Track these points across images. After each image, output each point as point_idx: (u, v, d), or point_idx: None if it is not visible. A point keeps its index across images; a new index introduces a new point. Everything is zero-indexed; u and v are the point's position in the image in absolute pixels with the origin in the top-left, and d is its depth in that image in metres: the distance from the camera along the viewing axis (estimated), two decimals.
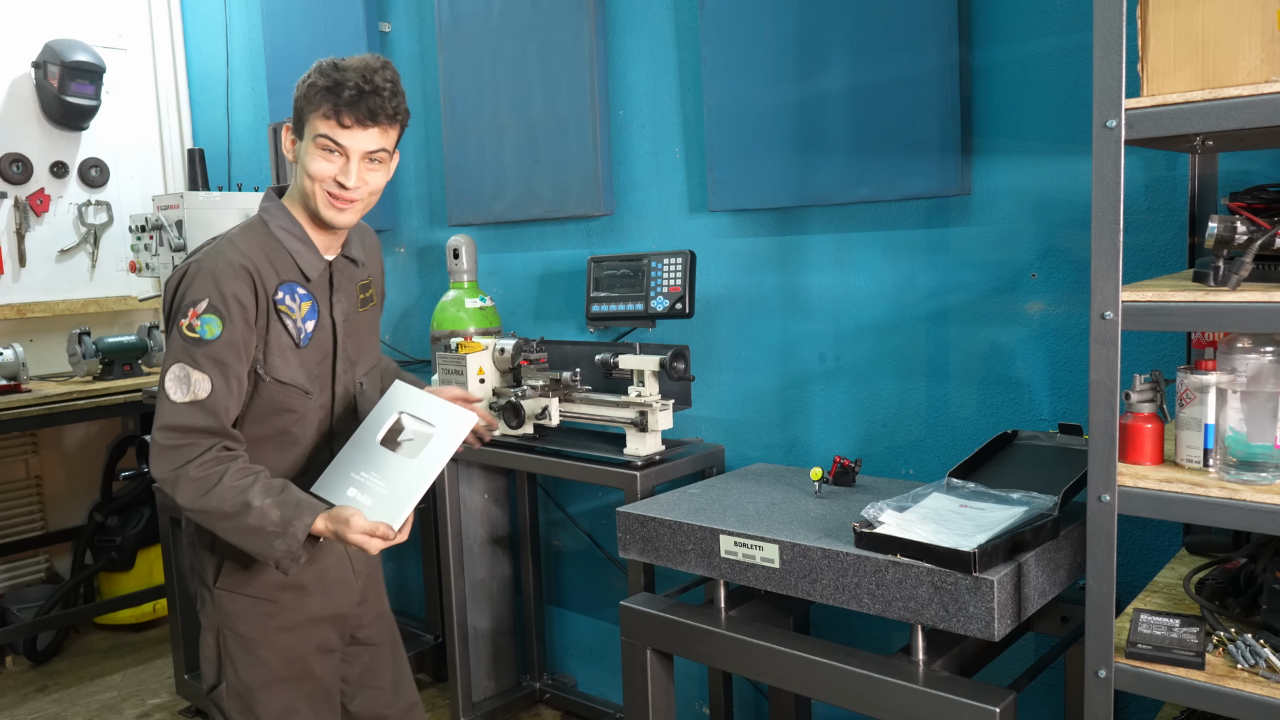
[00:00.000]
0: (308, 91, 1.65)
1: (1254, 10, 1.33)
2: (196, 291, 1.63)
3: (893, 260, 2.35)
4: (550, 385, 2.62)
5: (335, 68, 1.64)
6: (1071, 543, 1.76)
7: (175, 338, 1.63)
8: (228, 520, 1.60)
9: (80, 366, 3.73)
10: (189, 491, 1.60)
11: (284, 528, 1.60)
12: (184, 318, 1.62)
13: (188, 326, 1.62)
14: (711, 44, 2.54)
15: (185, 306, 1.63)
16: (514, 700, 3.14)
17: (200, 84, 4.48)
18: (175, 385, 1.61)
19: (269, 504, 1.60)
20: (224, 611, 1.78)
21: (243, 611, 1.77)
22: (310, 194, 1.69)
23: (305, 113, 1.66)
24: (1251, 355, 1.41)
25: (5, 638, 3.61)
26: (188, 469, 1.60)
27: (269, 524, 1.59)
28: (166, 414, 1.62)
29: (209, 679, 1.83)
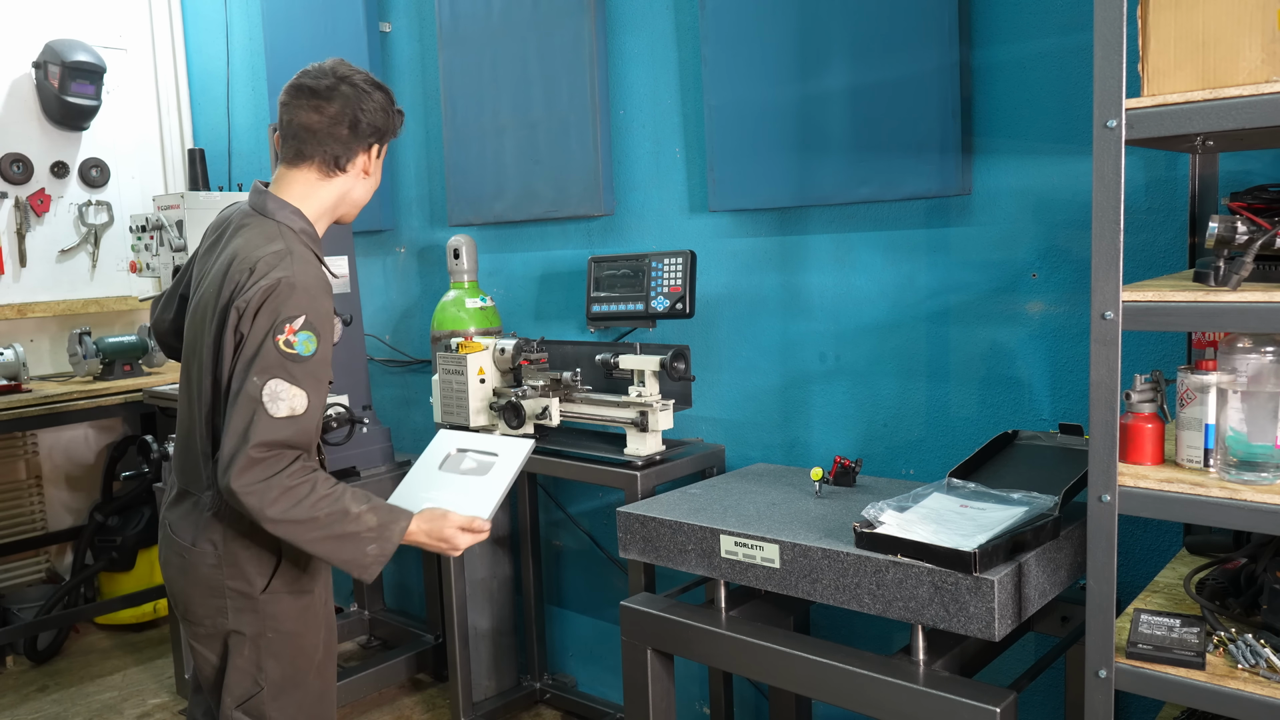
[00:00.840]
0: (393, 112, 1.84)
1: (1254, 10, 1.33)
2: (294, 308, 1.63)
3: (893, 260, 2.35)
4: (551, 385, 2.62)
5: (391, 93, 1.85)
6: (1072, 543, 1.76)
7: (270, 352, 1.61)
8: (321, 529, 1.63)
9: (81, 366, 3.73)
10: (281, 502, 1.60)
11: (380, 532, 1.67)
12: (280, 334, 1.62)
13: (285, 343, 1.62)
14: (712, 44, 2.55)
15: (281, 322, 1.62)
16: (514, 700, 3.14)
17: (201, 84, 4.48)
18: (273, 401, 1.61)
19: (365, 510, 1.66)
20: (268, 615, 1.77)
21: (285, 610, 1.79)
22: (360, 204, 1.86)
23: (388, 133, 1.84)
24: (1252, 355, 1.41)
25: (6, 638, 3.61)
26: (279, 479, 1.60)
27: (365, 529, 1.65)
28: (263, 429, 1.59)
29: (242, 691, 1.78)
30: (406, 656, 3.31)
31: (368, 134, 1.79)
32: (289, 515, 1.61)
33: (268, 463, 1.60)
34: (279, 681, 1.80)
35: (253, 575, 1.76)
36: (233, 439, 1.60)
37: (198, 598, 1.79)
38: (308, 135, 1.76)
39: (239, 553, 1.75)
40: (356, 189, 1.84)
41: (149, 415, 3.87)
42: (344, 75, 1.78)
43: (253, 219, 1.78)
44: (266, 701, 1.79)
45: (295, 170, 1.80)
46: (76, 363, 3.73)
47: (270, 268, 1.65)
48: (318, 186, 1.80)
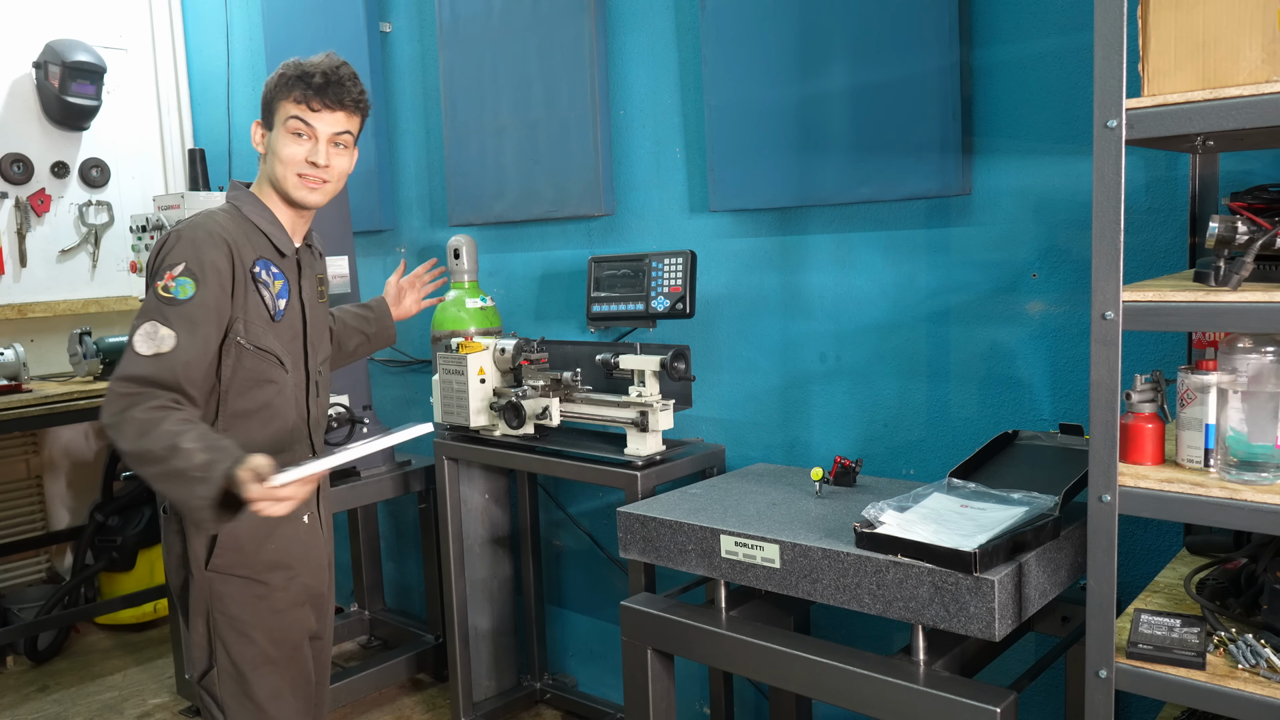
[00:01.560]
0: (278, 82, 1.82)
1: (1255, 10, 1.33)
2: (175, 256, 1.72)
3: (893, 260, 2.35)
4: (551, 385, 2.62)
5: (300, 63, 1.82)
6: (1072, 543, 1.76)
7: (150, 298, 1.70)
8: (157, 464, 1.58)
9: (81, 366, 3.73)
10: (129, 433, 1.60)
11: (206, 471, 1.55)
12: (160, 280, 1.70)
13: (163, 288, 1.69)
14: (712, 44, 2.55)
15: (162, 269, 1.71)
16: (514, 700, 3.14)
17: (201, 84, 4.48)
18: (143, 340, 1.66)
19: (197, 448, 1.56)
20: (214, 594, 1.81)
21: (233, 593, 1.81)
22: (282, 178, 1.83)
23: (275, 102, 1.83)
24: (1252, 355, 1.41)
25: (6, 638, 3.61)
26: (132, 412, 1.61)
27: (193, 467, 1.55)
28: (128, 365, 1.66)
29: (200, 665, 1.85)
30: (407, 656, 3.31)
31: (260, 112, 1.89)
32: (134, 446, 1.59)
33: (132, 398, 1.63)
34: (226, 666, 1.83)
35: (198, 547, 1.81)
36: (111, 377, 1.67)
37: (171, 567, 1.88)
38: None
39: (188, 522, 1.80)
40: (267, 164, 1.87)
41: None
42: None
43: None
44: (216, 683, 1.84)
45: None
46: (77, 363, 3.73)
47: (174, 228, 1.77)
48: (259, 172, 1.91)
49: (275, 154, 1.83)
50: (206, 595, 1.81)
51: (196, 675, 1.87)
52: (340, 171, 1.87)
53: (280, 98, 1.81)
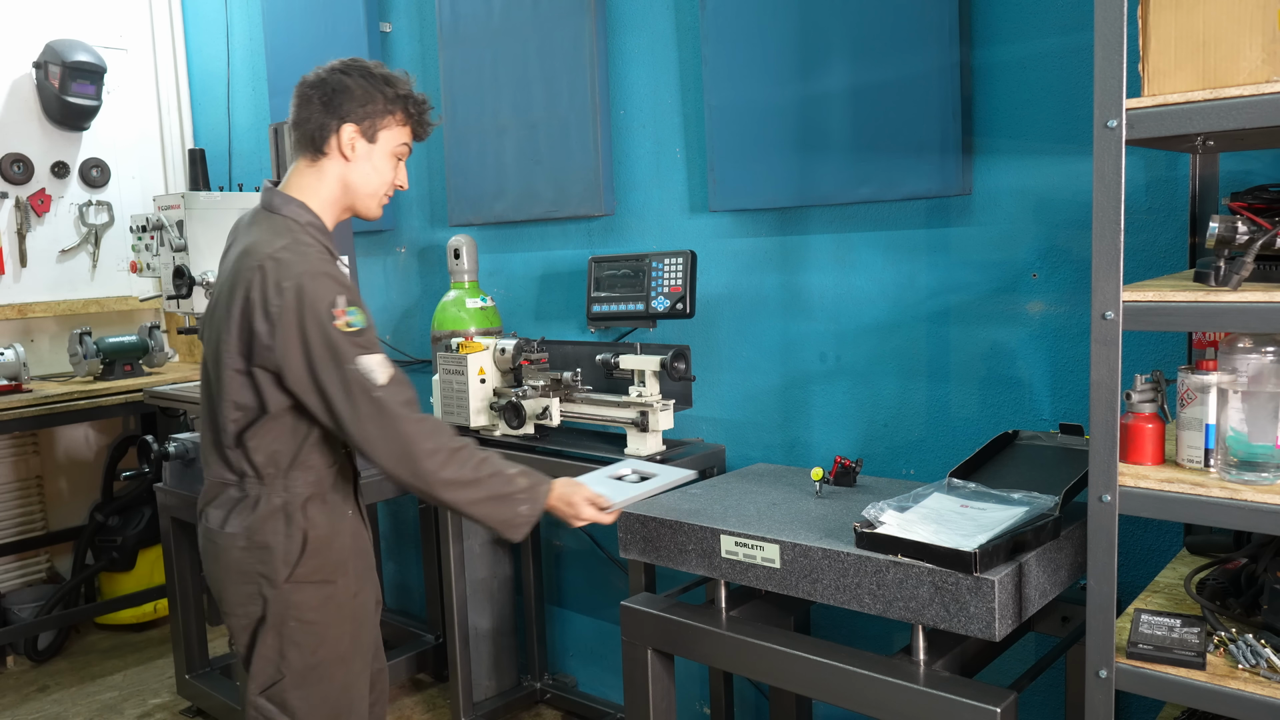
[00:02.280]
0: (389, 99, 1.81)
1: (1255, 10, 1.33)
2: (325, 292, 1.69)
3: (893, 260, 2.35)
4: (551, 385, 2.62)
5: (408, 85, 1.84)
6: (1072, 543, 1.76)
7: (339, 340, 1.68)
8: (483, 489, 1.75)
9: (81, 366, 3.73)
10: (453, 465, 1.72)
11: (530, 493, 1.79)
12: (336, 320, 1.68)
13: (346, 325, 1.69)
14: (712, 44, 2.55)
15: (327, 309, 1.68)
16: (515, 700, 3.14)
17: (201, 84, 4.48)
18: (371, 374, 1.69)
19: (517, 473, 1.80)
20: (291, 604, 1.81)
21: (307, 599, 1.82)
22: (370, 195, 1.86)
23: (386, 120, 1.81)
24: (1252, 355, 1.41)
25: (6, 638, 3.61)
26: (445, 441, 1.73)
27: (518, 490, 1.78)
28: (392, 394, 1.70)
29: (265, 678, 1.83)
30: (407, 656, 3.31)
31: (339, 111, 1.78)
32: (459, 476, 1.72)
33: (438, 427, 1.74)
34: (300, 670, 1.83)
35: (278, 563, 1.78)
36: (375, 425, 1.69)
37: (230, 584, 1.83)
38: (298, 123, 1.81)
39: (267, 539, 1.78)
40: (352, 174, 1.83)
41: (149, 415, 3.88)
42: (338, 64, 1.82)
43: (261, 216, 1.83)
44: (288, 690, 1.83)
45: (294, 164, 1.86)
46: (77, 363, 3.73)
47: (281, 267, 1.70)
48: (312, 176, 1.83)
49: (377, 171, 1.84)
50: (283, 608, 1.80)
51: (258, 689, 1.83)
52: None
53: (398, 121, 1.83)
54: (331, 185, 1.84)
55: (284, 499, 1.79)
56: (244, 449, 1.78)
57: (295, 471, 1.80)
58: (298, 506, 1.80)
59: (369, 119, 1.80)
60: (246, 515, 1.79)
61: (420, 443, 1.70)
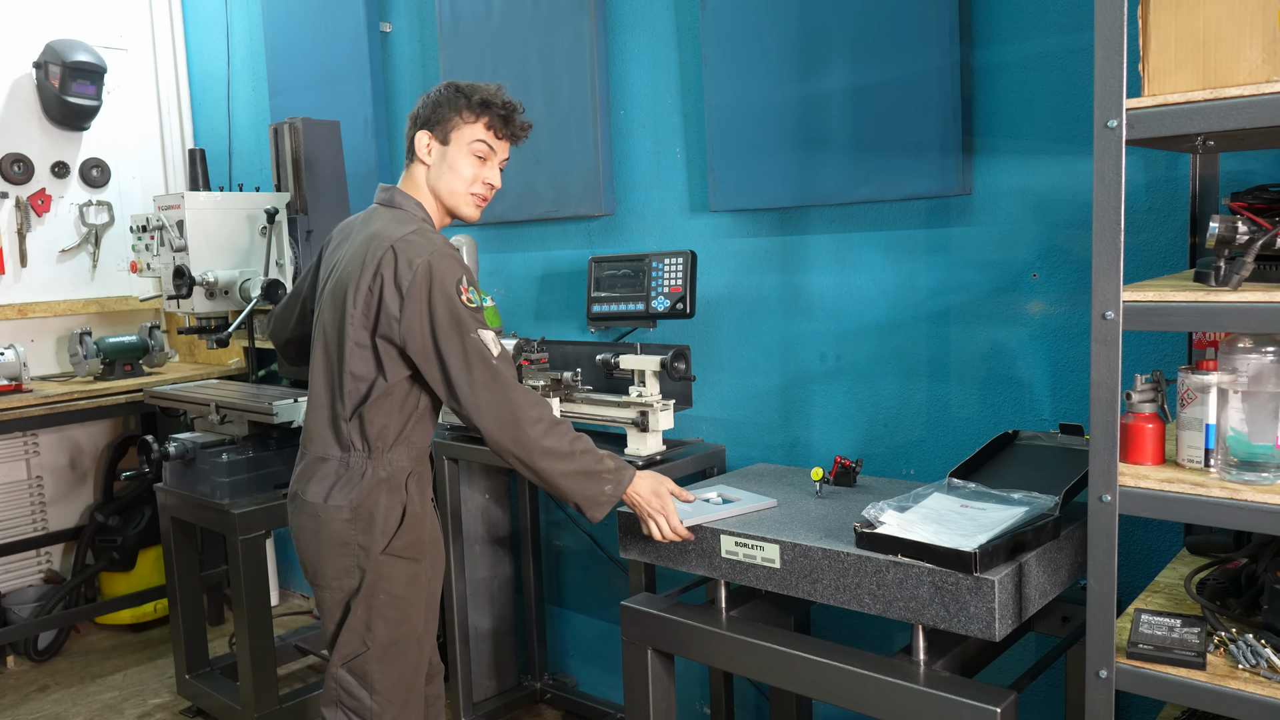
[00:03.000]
0: (458, 101, 1.94)
1: (1255, 10, 1.33)
2: (454, 272, 1.85)
3: (894, 260, 2.35)
4: (551, 385, 2.62)
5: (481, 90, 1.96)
6: (1072, 543, 1.76)
7: (463, 313, 1.82)
8: (575, 462, 1.85)
9: (81, 366, 3.73)
10: (553, 435, 1.84)
11: (616, 475, 1.90)
12: (460, 295, 1.84)
13: (468, 300, 1.85)
14: (713, 44, 2.54)
15: (454, 285, 1.83)
16: (515, 700, 3.14)
17: (201, 84, 4.48)
18: (491, 346, 1.84)
19: (605, 454, 1.90)
20: (383, 576, 1.92)
21: (399, 574, 1.94)
22: (458, 194, 1.98)
23: (455, 119, 1.94)
24: (1253, 355, 1.41)
25: (6, 637, 3.61)
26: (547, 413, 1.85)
27: (606, 470, 1.89)
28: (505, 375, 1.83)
29: (351, 648, 1.94)
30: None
31: (420, 119, 1.97)
32: (557, 447, 1.83)
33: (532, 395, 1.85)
34: (384, 644, 1.94)
35: (378, 532, 1.91)
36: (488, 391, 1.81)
37: (328, 557, 1.94)
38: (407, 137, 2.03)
39: (376, 509, 1.92)
40: (432, 176, 1.98)
41: (150, 415, 3.87)
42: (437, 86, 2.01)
43: (381, 210, 2.00)
44: (371, 662, 1.94)
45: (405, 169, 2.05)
46: (77, 363, 3.73)
47: (410, 248, 1.85)
48: (409, 180, 2.02)
49: (453, 169, 1.96)
50: (376, 579, 1.92)
51: (341, 660, 1.95)
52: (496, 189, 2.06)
53: (466, 119, 1.94)
54: (421, 187, 2.00)
55: (389, 471, 1.93)
56: (360, 421, 1.91)
57: (400, 447, 1.94)
58: (401, 480, 1.94)
59: (441, 123, 1.95)
60: (353, 487, 1.92)
61: (527, 410, 1.82)
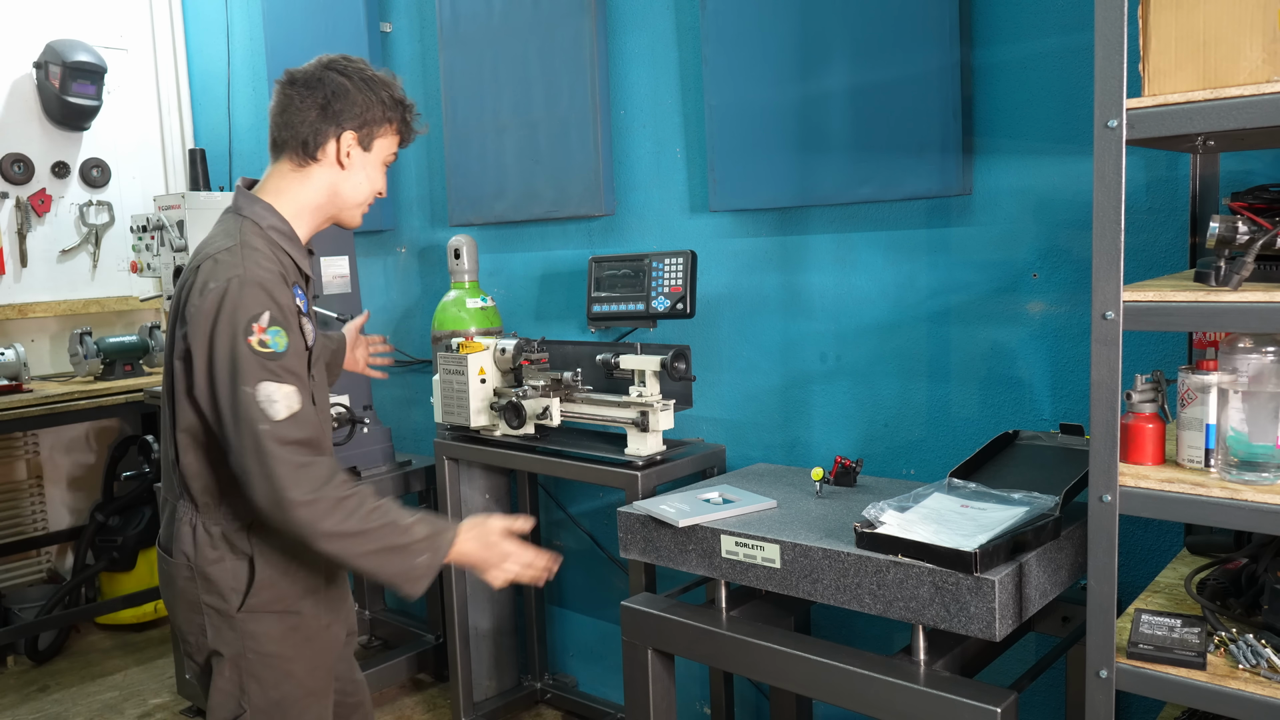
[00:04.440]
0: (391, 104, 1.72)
1: (1255, 10, 1.33)
2: (253, 305, 1.55)
3: (894, 260, 2.35)
4: (551, 385, 2.62)
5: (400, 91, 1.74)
6: (1073, 543, 1.76)
7: (245, 356, 1.53)
8: (372, 541, 1.57)
9: (82, 366, 3.73)
10: (335, 516, 1.54)
11: (430, 542, 1.62)
12: (250, 335, 1.54)
13: (258, 343, 1.54)
14: (713, 44, 2.54)
15: (246, 322, 1.54)
16: (515, 700, 3.14)
17: (201, 84, 4.48)
18: (270, 405, 1.53)
19: (414, 521, 1.61)
20: (247, 635, 1.67)
21: (268, 630, 1.68)
22: (356, 205, 1.76)
23: (383, 129, 1.73)
24: (1253, 355, 1.41)
25: (7, 637, 3.61)
26: (327, 491, 1.55)
27: (415, 540, 1.60)
28: (281, 431, 1.53)
29: (226, 713, 1.69)
30: (407, 656, 3.31)
31: (339, 117, 1.67)
32: (342, 528, 1.54)
33: (310, 470, 1.54)
34: (263, 707, 1.69)
35: (227, 591, 1.66)
36: (254, 460, 1.53)
37: (180, 613, 1.71)
38: (280, 122, 1.69)
39: (211, 567, 1.66)
40: (345, 183, 1.72)
41: (150, 415, 3.87)
42: (331, 63, 1.70)
43: (226, 216, 1.72)
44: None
45: (272, 164, 1.73)
46: (77, 363, 3.73)
47: (216, 268, 1.58)
48: (293, 180, 1.71)
49: (369, 181, 1.74)
50: (239, 639, 1.67)
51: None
52: None
53: (392, 131, 1.74)
54: (318, 192, 1.72)
55: (221, 529, 1.66)
56: (181, 471, 1.66)
57: (231, 502, 1.66)
58: (238, 539, 1.67)
59: (367, 126, 1.70)
60: (185, 541, 1.67)
61: (292, 490, 1.52)
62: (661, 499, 2.08)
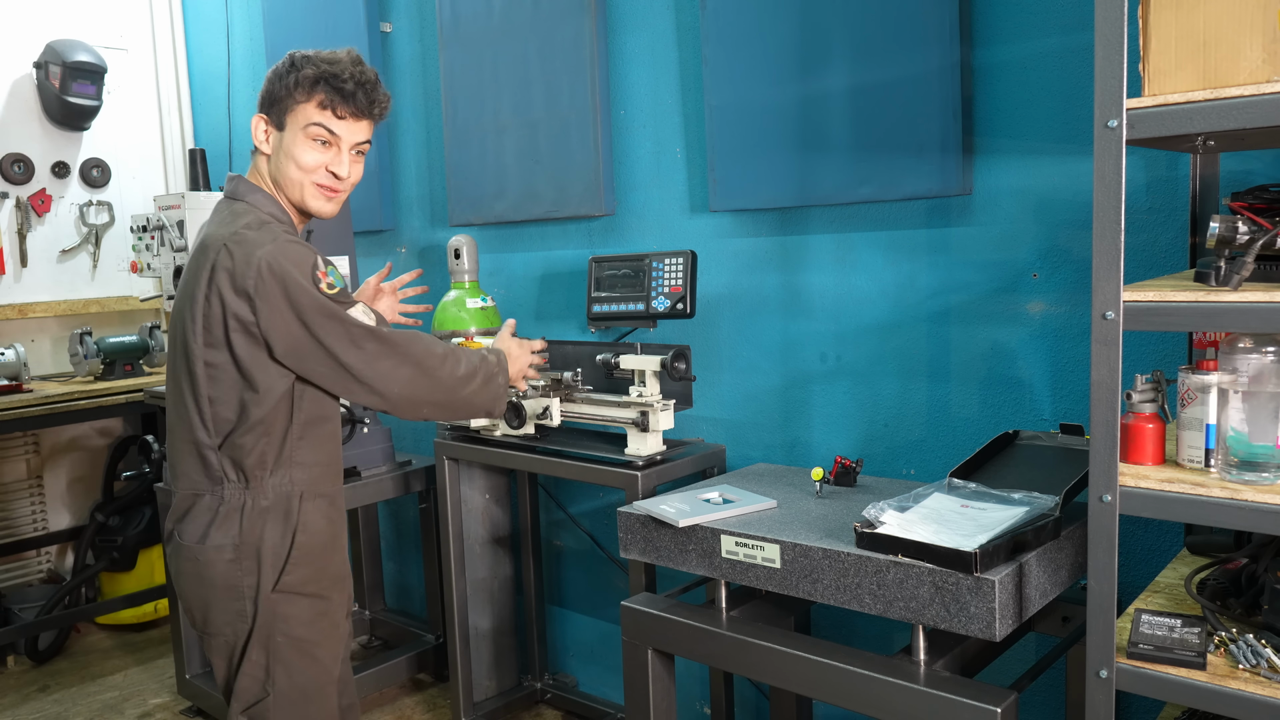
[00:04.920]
0: (295, 79, 1.69)
1: (1255, 10, 1.33)
2: (302, 259, 1.66)
3: (894, 260, 2.35)
4: (551, 385, 2.62)
5: (323, 60, 1.69)
6: (1073, 543, 1.76)
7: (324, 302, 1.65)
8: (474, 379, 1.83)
9: (82, 366, 3.73)
10: (451, 362, 1.79)
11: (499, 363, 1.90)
12: (319, 284, 1.66)
13: (328, 286, 1.67)
14: (713, 44, 2.54)
15: (310, 276, 1.65)
16: (515, 700, 3.14)
17: (201, 84, 4.48)
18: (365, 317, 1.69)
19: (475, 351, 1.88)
20: (278, 617, 1.72)
21: (298, 614, 1.74)
22: (297, 184, 1.74)
23: (290, 100, 1.70)
24: (1253, 355, 1.41)
25: (7, 637, 3.61)
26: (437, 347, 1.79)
27: (490, 366, 1.87)
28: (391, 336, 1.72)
29: (250, 695, 1.74)
30: (407, 656, 3.31)
31: (260, 105, 1.75)
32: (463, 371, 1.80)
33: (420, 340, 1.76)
34: (287, 691, 1.74)
35: (267, 569, 1.71)
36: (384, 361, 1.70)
37: (216, 602, 1.74)
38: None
39: (255, 544, 1.72)
40: (271, 166, 1.76)
41: (150, 415, 3.87)
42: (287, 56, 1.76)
43: (222, 205, 1.78)
44: (272, 709, 1.74)
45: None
46: (77, 363, 3.73)
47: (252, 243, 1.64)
48: (256, 169, 1.80)
49: (291, 158, 1.71)
50: (270, 620, 1.71)
51: (242, 708, 1.74)
52: (355, 180, 1.79)
53: (300, 98, 1.68)
54: (264, 178, 1.78)
55: (273, 499, 1.73)
56: (232, 449, 1.71)
57: (283, 470, 1.74)
58: (289, 505, 1.74)
59: (275, 104, 1.72)
60: (232, 522, 1.71)
61: (428, 358, 1.75)
62: (661, 499, 2.08)
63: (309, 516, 1.75)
